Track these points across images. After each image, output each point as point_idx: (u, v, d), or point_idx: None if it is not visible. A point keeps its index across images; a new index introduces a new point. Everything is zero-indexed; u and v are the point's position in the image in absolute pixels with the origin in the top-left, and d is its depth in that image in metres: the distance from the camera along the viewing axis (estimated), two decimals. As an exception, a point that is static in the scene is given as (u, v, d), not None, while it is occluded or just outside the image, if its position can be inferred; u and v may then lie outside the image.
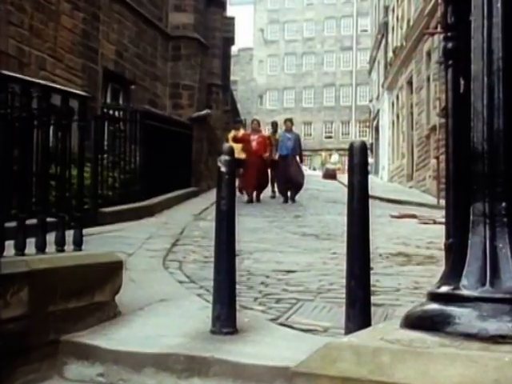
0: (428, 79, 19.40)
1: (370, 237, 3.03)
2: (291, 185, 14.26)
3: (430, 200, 15.89)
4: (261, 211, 12.14)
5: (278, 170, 14.43)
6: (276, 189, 15.10)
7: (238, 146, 13.04)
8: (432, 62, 18.55)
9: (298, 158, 14.68)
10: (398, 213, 12.29)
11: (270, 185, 15.00)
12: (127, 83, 13.62)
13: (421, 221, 10.98)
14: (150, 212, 10.03)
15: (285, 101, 58.24)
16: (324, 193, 18.36)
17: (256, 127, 14.85)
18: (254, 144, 14.20)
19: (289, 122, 15.07)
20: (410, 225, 10.55)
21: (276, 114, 49.52)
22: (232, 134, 14.86)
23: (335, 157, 41.25)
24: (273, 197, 14.91)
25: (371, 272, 3.09)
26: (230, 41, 21.66)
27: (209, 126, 16.66)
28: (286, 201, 14.08)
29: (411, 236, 8.81)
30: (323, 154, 44.23)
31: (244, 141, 14.16)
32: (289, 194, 14.26)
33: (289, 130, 14.75)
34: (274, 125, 15.93)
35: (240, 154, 12.98)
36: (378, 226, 9.44)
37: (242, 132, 15.00)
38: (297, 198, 14.48)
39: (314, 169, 43.91)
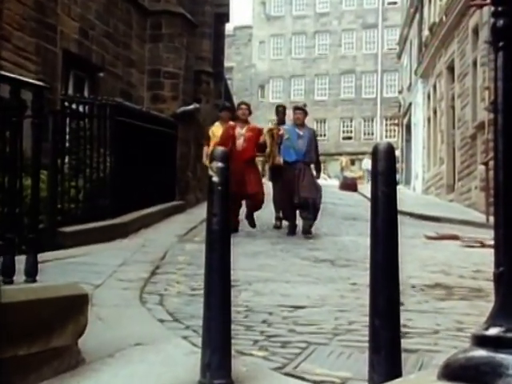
0: (474, 64, 19.44)
1: (400, 263, 3.01)
2: (304, 208, 11.53)
3: (477, 217, 15.90)
4: (262, 231, 12.13)
5: (281, 183, 12.13)
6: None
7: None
8: (480, 42, 18.59)
9: (312, 166, 12.22)
10: (435, 233, 12.29)
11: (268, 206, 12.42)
12: (94, 70, 13.65)
13: (465, 243, 10.98)
14: (123, 232, 10.03)
15: (292, 92, 58.43)
16: (341, 207, 18.35)
17: (244, 115, 12.18)
18: (240, 142, 11.76)
19: (300, 111, 12.32)
20: (451, 248, 10.55)
21: (281, 108, 49.62)
22: (215, 128, 12.69)
23: (369, 162, 41.10)
24: (277, 226, 12.64)
25: (401, 308, 3.08)
26: (224, 17, 21.72)
27: (197, 123, 16.69)
28: (293, 231, 11.74)
29: (452, 262, 8.81)
30: (343, 158, 44.03)
31: (227, 138, 11.62)
32: (299, 221, 11.76)
33: (300, 123, 12.17)
34: (280, 111, 13.57)
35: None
36: (409, 249, 9.46)
37: (219, 125, 12.55)
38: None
39: (329, 176, 43.96)
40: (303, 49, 59.43)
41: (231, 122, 12.11)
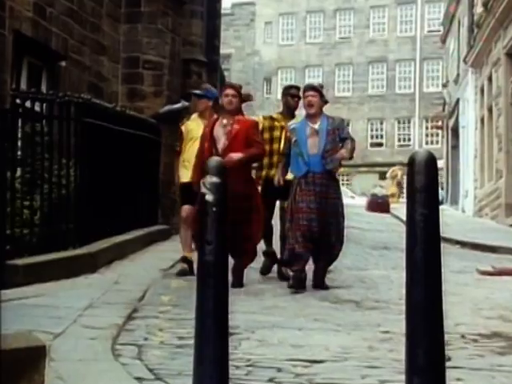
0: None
1: (445, 306, 3.01)
2: (318, 247, 9.84)
3: (545, 246, 15.87)
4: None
5: (287, 209, 10.06)
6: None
7: (188, 156, 10.68)
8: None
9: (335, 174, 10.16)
10: (490, 267, 12.26)
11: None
12: (54, 58, 13.68)
13: (529, 280, 10.97)
14: (90, 265, 10.01)
15: (307, 86, 58.52)
16: (369, 233, 18.35)
17: (231, 104, 9.98)
18: (220, 142, 9.82)
19: (312, 92, 10.16)
20: (512, 286, 10.54)
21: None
22: (191, 123, 11.25)
23: None
24: (282, 277, 10.53)
25: (447, 364, 3.07)
26: (220, -9, 21.86)
27: (186, 126, 16.70)
28: (301, 284, 9.66)
29: (514, 305, 8.79)
30: (399, 170, 43.00)
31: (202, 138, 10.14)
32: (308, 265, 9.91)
33: (313, 112, 10.04)
34: (293, 94, 11.22)
35: (185, 174, 10.69)
36: (458, 287, 9.44)
37: (197, 119, 11.18)
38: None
39: (355, 193, 44.02)
40: (321, 31, 59.61)
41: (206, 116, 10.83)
